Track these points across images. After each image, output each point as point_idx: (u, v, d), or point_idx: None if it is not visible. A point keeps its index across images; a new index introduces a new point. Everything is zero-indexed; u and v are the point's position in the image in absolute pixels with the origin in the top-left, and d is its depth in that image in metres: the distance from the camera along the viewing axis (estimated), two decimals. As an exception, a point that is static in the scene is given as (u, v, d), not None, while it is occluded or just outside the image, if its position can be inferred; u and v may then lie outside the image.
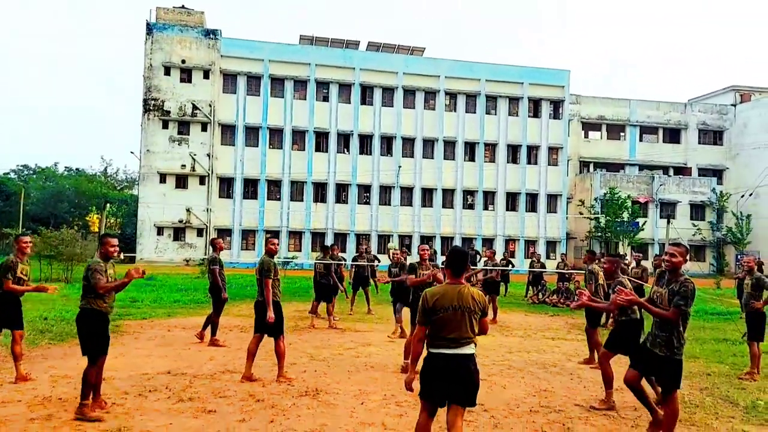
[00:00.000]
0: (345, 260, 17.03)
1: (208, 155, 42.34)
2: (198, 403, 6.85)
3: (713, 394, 7.97)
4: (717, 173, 51.61)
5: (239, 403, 6.90)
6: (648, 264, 19.91)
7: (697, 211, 48.88)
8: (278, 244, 8.52)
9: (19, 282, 7.66)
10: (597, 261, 10.60)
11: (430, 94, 44.88)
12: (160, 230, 41.66)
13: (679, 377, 5.58)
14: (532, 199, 46.01)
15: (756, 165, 45.72)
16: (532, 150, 46.07)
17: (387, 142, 44.57)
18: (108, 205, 42.79)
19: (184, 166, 42.05)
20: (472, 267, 28.79)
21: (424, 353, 4.66)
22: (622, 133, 52.05)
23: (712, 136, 52.59)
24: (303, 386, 7.82)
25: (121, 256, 40.55)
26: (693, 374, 9.26)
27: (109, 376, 8.05)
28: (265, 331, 8.05)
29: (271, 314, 7.92)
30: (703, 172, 51.57)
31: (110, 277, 6.43)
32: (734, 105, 52.74)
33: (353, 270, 16.78)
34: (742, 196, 41.43)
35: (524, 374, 9.05)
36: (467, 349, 4.52)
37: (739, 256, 43.18)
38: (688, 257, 5.80)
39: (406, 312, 11.35)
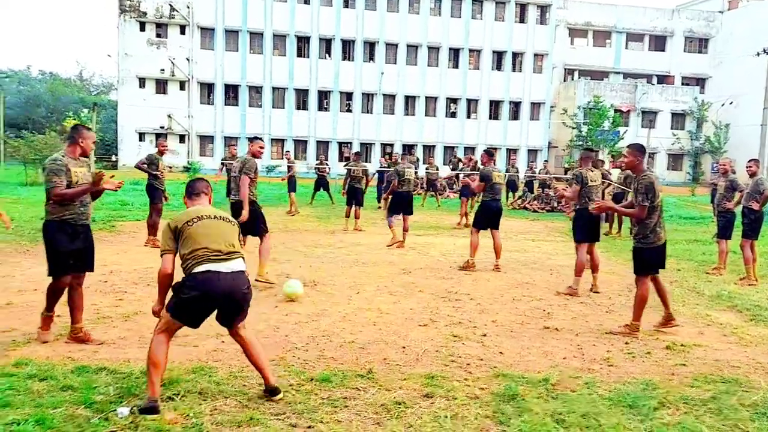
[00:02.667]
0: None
1: (188, 59, 41.27)
2: (205, 292, 7.30)
3: (682, 286, 8.63)
4: (700, 82, 51.62)
5: (243, 293, 7.36)
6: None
7: (678, 120, 49.29)
8: (263, 147, 8.24)
9: None
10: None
11: (414, -2, 43.64)
12: (141, 136, 41.18)
13: (644, 264, 6.11)
14: (515, 107, 45.95)
15: (739, 74, 45.72)
16: (518, 57, 45.51)
17: (370, 47, 43.66)
18: (86, 110, 41.93)
19: (163, 70, 41.06)
20: (453, 171, 29.26)
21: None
22: (608, 40, 51.41)
23: (698, 44, 52.17)
24: (301, 279, 8.28)
25: (114, 158, 40.45)
26: (664, 270, 9.88)
27: (115, 269, 8.47)
28: (247, 232, 7.69)
29: (246, 214, 7.50)
30: (687, 81, 51.54)
31: (79, 177, 5.14)
32: (722, 12, 52.03)
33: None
34: (723, 105, 41.80)
35: (507, 270, 9.63)
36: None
37: (714, 165, 44.10)
38: (643, 158, 6.16)
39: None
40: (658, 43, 51.58)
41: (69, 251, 5.15)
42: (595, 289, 8.06)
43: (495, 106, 45.76)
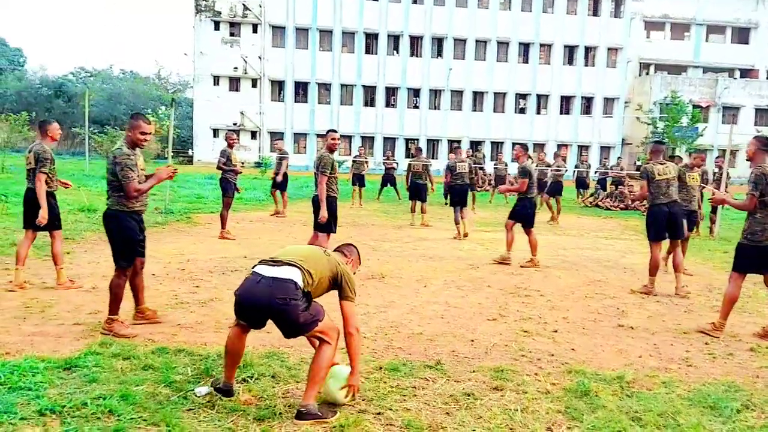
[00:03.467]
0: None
1: (260, 57, 42.30)
2: (276, 282, 7.48)
3: (766, 288, 8.17)
4: (788, 76, 48.77)
5: (313, 283, 7.49)
6: (709, 167, 19.52)
7: (762, 116, 46.71)
8: (339, 139, 8.36)
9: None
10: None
11: (484, -8, 43.12)
12: (215, 132, 42.52)
13: (744, 262, 5.80)
14: (588, 102, 44.72)
15: (831, 67, 43.00)
16: (590, 51, 44.26)
17: (438, 43, 43.47)
18: (164, 107, 43.63)
19: (236, 68, 42.24)
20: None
21: None
22: (686, 33, 49.26)
23: (785, 35, 49.28)
24: (368, 272, 8.37)
25: (190, 152, 41.93)
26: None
27: (192, 258, 8.80)
28: (318, 228, 7.91)
29: (324, 212, 7.69)
30: (773, 74, 48.79)
31: (139, 169, 5.25)
32: (813, 1, 48.92)
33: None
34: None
35: (579, 267, 9.41)
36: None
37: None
38: (763, 149, 5.77)
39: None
40: (741, 35, 48.98)
41: (138, 240, 5.32)
42: (679, 292, 7.48)
43: (566, 102, 44.68)
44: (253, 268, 3.88)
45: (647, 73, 48.03)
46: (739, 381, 4.50)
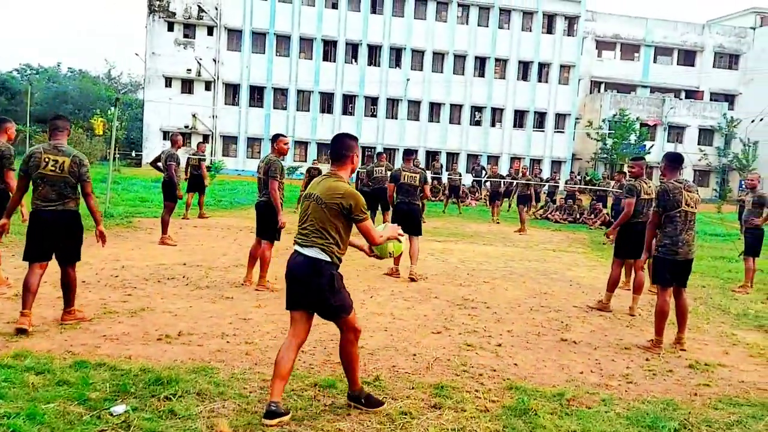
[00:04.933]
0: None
1: (214, 60, 41.59)
2: (215, 291, 7.19)
3: (706, 303, 8.31)
4: (729, 98, 50.67)
5: (254, 293, 7.24)
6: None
7: (706, 135, 48.41)
8: (289, 144, 8.07)
9: None
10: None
11: (442, 5, 43.45)
12: (165, 134, 41.49)
13: (658, 275, 5.94)
14: (541, 117, 45.49)
15: (770, 91, 44.85)
16: (544, 67, 45.10)
17: (396, 53, 43.60)
18: (119, 101, 42.49)
19: (189, 70, 41.41)
20: (475, 179, 29.02)
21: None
22: (636, 54, 50.73)
23: (728, 59, 51.25)
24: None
25: (134, 153, 40.90)
26: (689, 286, 9.50)
27: (128, 264, 8.41)
28: (260, 234, 7.59)
29: (281, 218, 7.43)
30: (716, 96, 50.61)
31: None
32: (753, 28, 51.07)
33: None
34: (752, 122, 40.95)
35: (525, 279, 9.39)
36: (311, 251, 3.78)
37: (741, 182, 43.20)
38: (668, 167, 6.01)
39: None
40: (688, 57, 50.77)
41: (36, 241, 5.39)
42: (632, 312, 7.34)
43: (520, 116, 45.37)
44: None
45: (598, 91, 49.23)
46: (678, 399, 4.47)
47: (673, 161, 6.01)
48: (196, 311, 6.24)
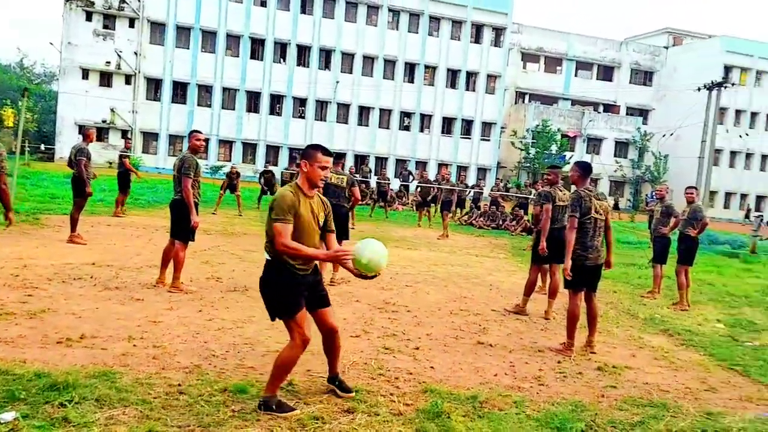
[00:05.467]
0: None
1: (136, 53, 40.05)
2: (125, 292, 6.86)
3: (617, 308, 8.64)
4: (643, 113, 53.42)
5: (167, 295, 6.95)
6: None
7: (621, 148, 50.79)
8: (203, 140, 7.56)
9: None
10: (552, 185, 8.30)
11: (373, 9, 43.61)
12: (80, 128, 39.42)
13: (572, 280, 6.01)
14: (468, 125, 46.39)
15: (680, 107, 47.38)
16: (471, 76, 46.04)
17: (326, 55, 43.37)
18: (27, 91, 40.15)
19: (108, 62, 39.69)
20: (403, 184, 29.21)
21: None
22: (558, 67, 52.67)
23: (643, 76, 54.04)
24: (232, 283, 7.93)
25: (42, 147, 38.79)
26: (600, 291, 9.81)
27: (31, 263, 7.90)
28: (176, 235, 7.29)
29: (195, 218, 7.14)
30: (631, 111, 53.24)
31: None
32: (667, 47, 54.10)
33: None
34: (663, 136, 43.25)
35: (447, 284, 9.48)
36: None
37: (652, 192, 45.53)
38: (581, 174, 6.16)
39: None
40: (606, 72, 53.16)
41: None
42: (548, 316, 7.54)
43: (448, 123, 46.10)
44: None
45: (523, 102, 50.77)
46: (586, 401, 4.59)
47: (585, 169, 6.21)
48: (102, 313, 5.92)
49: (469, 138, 46.33)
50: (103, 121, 39.67)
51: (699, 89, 33.64)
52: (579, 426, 3.99)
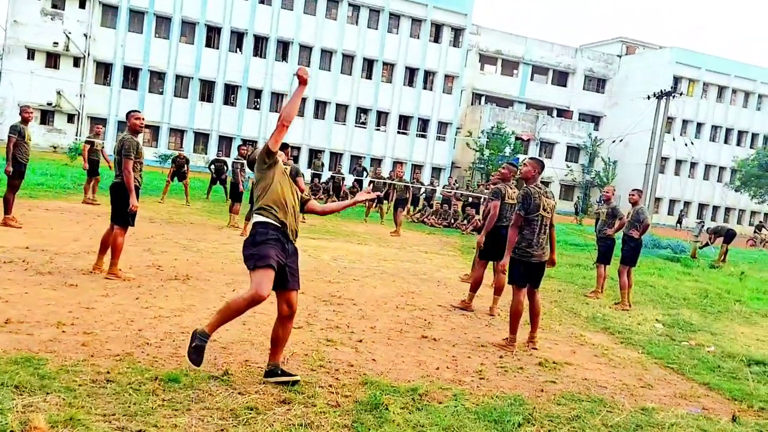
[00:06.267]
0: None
1: (86, 35, 38.72)
2: (58, 277, 6.57)
3: (560, 306, 8.75)
4: (595, 119, 54.71)
5: (103, 281, 6.69)
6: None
7: (573, 153, 51.89)
8: (143, 120, 7.27)
9: None
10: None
11: (333, 3, 43.27)
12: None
13: (513, 276, 6.11)
14: (424, 124, 46.57)
15: (630, 115, 48.73)
16: (429, 75, 46.23)
17: (283, 47, 42.84)
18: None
19: (56, 44, 38.27)
20: (356, 179, 29.14)
21: None
22: (515, 70, 53.44)
23: (596, 83, 55.33)
24: (173, 272, 7.71)
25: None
26: (546, 290, 10.06)
27: (-43, 245, 7.50)
28: (114, 218, 7.08)
29: (134, 201, 6.95)
30: (583, 116, 54.43)
31: None
32: (620, 56, 55.50)
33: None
34: (613, 142, 44.35)
35: (395, 279, 9.44)
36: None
37: (600, 197, 46.62)
38: (535, 171, 6.21)
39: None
40: (561, 78, 54.21)
41: None
42: (493, 312, 7.58)
43: (404, 121, 46.18)
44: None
45: (479, 103, 51.29)
46: (525, 394, 4.60)
47: (540, 166, 6.26)
48: (32, 298, 5.64)
49: (425, 137, 46.52)
50: (49, 104, 38.28)
51: (648, 97, 34.63)
52: (517, 419, 3.98)
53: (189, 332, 5.19)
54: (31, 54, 38.14)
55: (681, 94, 39.92)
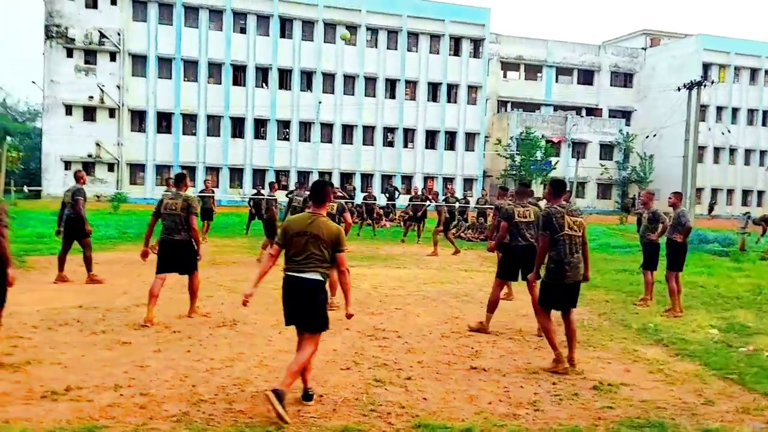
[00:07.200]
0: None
1: (118, 87, 40.05)
2: (112, 336, 6.75)
3: (610, 319, 8.60)
4: (626, 114, 53.92)
5: (155, 335, 6.85)
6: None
7: (606, 150, 51.15)
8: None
9: None
10: (510, 197, 10.09)
11: (351, 29, 43.80)
12: (67, 165, 39.44)
13: (542, 297, 6.15)
14: (451, 137, 46.60)
15: (661, 107, 47.93)
16: (452, 88, 46.34)
17: (307, 77, 43.56)
18: (8, 137, 40.01)
19: (91, 97, 39.66)
20: (390, 203, 29.18)
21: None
22: (539, 74, 53.14)
23: (623, 78, 54.61)
24: (220, 318, 7.84)
25: (26, 189, 38.49)
26: (593, 301, 9.93)
27: (15, 310, 7.75)
28: (182, 269, 7.76)
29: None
30: (613, 113, 53.73)
31: None
32: (644, 49, 54.73)
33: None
34: (647, 137, 43.65)
35: (438, 303, 9.42)
36: (310, 274, 4.78)
37: (640, 193, 45.76)
38: (553, 192, 6.29)
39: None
40: (586, 77, 53.67)
41: None
42: (541, 333, 7.17)
43: (431, 136, 46.28)
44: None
45: (505, 110, 51.11)
46: (582, 424, 4.53)
47: (555, 187, 6.29)
48: (88, 360, 5.81)
49: (454, 149, 46.49)
50: (89, 156, 39.57)
51: (679, 89, 33.95)
52: (575, 454, 3.93)
53: (241, 383, 5.30)
54: (68, 110, 39.58)
55: (712, 82, 39.08)
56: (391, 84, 45.16)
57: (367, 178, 44.31)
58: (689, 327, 8.12)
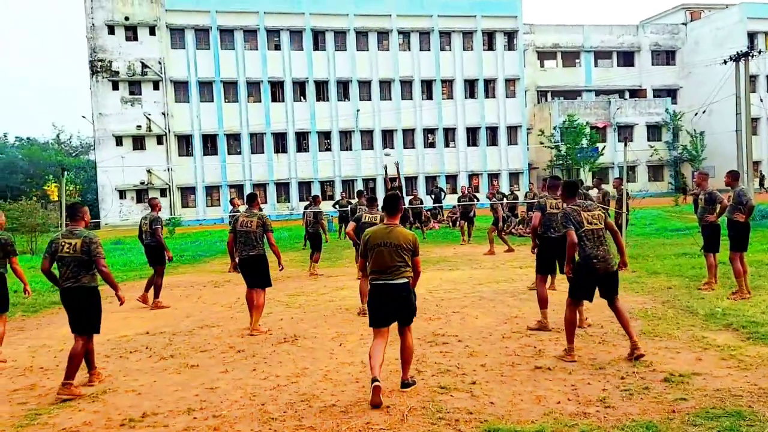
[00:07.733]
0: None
1: (163, 114, 41.23)
2: (180, 359, 6.96)
3: (674, 306, 8.37)
4: (671, 93, 52.37)
5: (220, 356, 7.02)
6: (609, 188, 20.41)
7: (654, 132, 49.79)
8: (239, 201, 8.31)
9: None
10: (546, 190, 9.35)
11: (383, 35, 44.07)
12: (122, 194, 40.85)
13: (572, 289, 6.26)
14: (493, 132, 46.18)
15: (708, 82, 46.12)
16: (489, 83, 45.94)
17: (343, 86, 43.91)
18: (65, 172, 41.59)
19: (139, 126, 40.95)
20: (437, 204, 29.10)
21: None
22: (577, 60, 52.17)
23: (665, 56, 53.08)
24: (281, 334, 7.97)
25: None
26: (655, 289, 9.70)
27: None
28: (257, 284, 8.18)
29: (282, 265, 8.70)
30: (658, 93, 52.26)
31: None
32: (685, 24, 53.09)
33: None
34: (696, 114, 42.19)
35: (495, 303, 9.35)
36: (399, 279, 5.33)
37: (694, 173, 44.31)
38: (566, 193, 6.43)
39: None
40: (627, 58, 52.42)
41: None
42: (582, 324, 7.29)
43: (472, 133, 45.96)
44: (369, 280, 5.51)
45: (545, 100, 50.34)
46: (656, 419, 4.43)
47: (566, 188, 6.46)
48: (160, 386, 6.01)
49: (497, 144, 46.05)
50: (141, 183, 40.82)
51: (725, 62, 32.75)
52: (652, 451, 3.85)
53: (308, 398, 5.38)
54: (118, 140, 40.93)
55: (760, 51, 37.54)
56: (428, 85, 45.09)
57: (411, 180, 44.30)
58: (759, 308, 7.84)
